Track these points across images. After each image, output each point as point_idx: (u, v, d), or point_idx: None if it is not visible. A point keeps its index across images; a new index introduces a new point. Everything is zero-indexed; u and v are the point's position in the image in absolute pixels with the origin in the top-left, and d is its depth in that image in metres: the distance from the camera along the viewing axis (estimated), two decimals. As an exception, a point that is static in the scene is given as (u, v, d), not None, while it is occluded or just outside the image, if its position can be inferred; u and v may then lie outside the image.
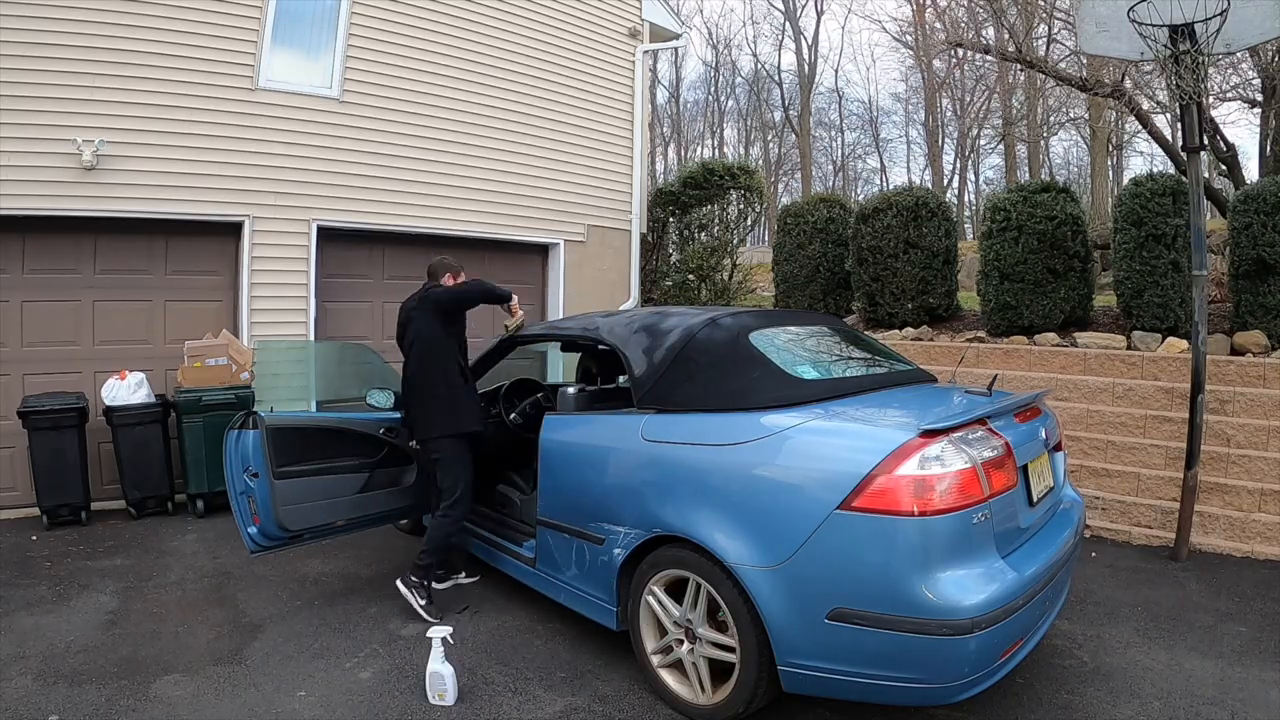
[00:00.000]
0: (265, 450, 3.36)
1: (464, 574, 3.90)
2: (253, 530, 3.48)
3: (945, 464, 2.25)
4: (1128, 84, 8.15)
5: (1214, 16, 4.05)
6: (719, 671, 2.60)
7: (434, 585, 3.59)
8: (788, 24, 28.46)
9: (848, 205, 7.90)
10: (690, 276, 9.51)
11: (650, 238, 9.28)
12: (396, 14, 6.56)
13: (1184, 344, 5.20)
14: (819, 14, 28.82)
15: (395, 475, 3.89)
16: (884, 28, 36.88)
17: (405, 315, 3.69)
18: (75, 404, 4.92)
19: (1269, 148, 8.37)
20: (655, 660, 2.78)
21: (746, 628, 2.42)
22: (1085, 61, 9.09)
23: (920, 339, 6.40)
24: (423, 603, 3.44)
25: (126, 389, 5.11)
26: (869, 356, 3.42)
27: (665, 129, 30.83)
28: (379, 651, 3.18)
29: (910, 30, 22.33)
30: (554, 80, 7.59)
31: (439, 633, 2.80)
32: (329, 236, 6.29)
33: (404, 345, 3.68)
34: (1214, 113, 9.15)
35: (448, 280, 3.76)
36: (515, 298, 3.76)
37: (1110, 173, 20.04)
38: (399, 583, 3.50)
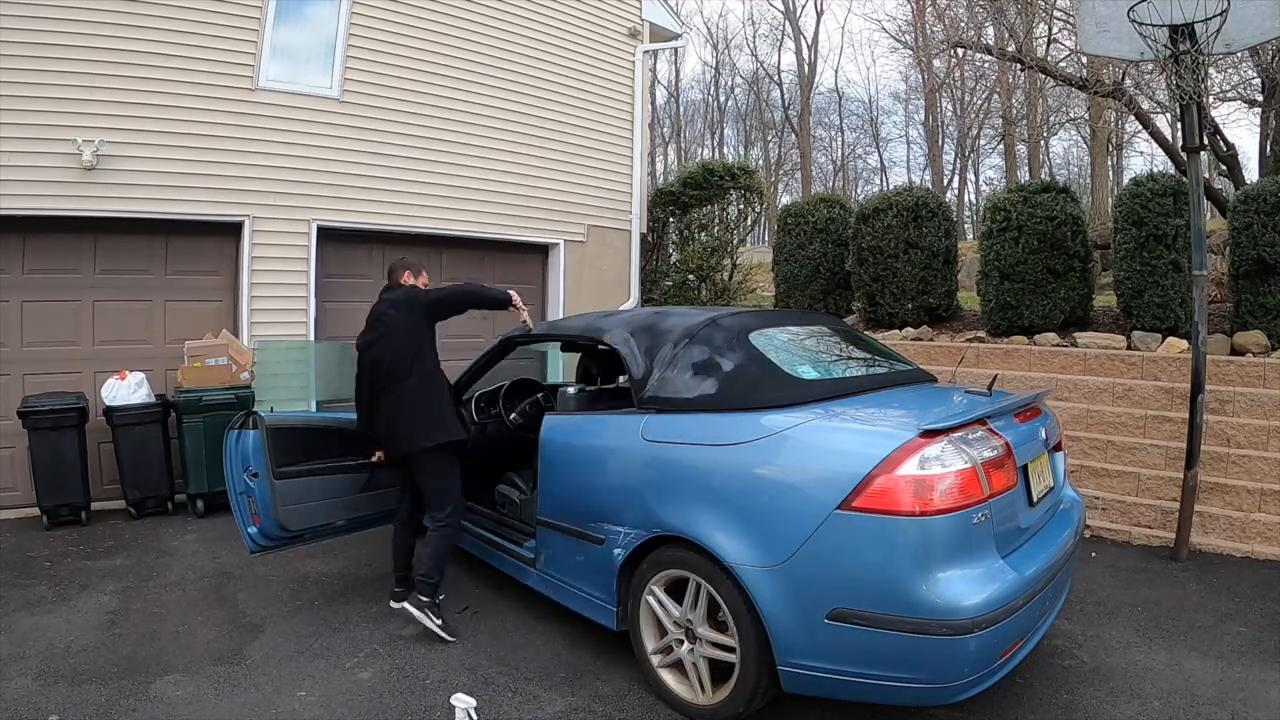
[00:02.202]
0: (265, 450, 3.36)
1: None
2: (253, 530, 3.48)
3: (945, 464, 2.25)
4: (1128, 84, 8.15)
5: (1214, 16, 4.05)
6: (719, 671, 2.60)
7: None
8: (787, 24, 28.49)
9: (848, 205, 7.91)
10: (690, 276, 9.52)
11: (650, 238, 9.28)
12: (396, 14, 6.57)
13: (1184, 344, 5.20)
14: (819, 14, 29.03)
15: (395, 475, 3.88)
16: (883, 27, 36.90)
17: (380, 316, 3.40)
18: (75, 404, 4.92)
19: (1269, 148, 8.38)
20: (655, 660, 2.78)
21: (746, 628, 2.42)
22: (1085, 61, 9.08)
23: (920, 339, 6.40)
24: (438, 623, 3.24)
25: (126, 389, 5.11)
26: (869, 356, 3.42)
27: (665, 129, 30.83)
28: (379, 651, 3.18)
29: (910, 30, 22.32)
30: (554, 80, 7.59)
31: (462, 703, 2.57)
32: (329, 236, 6.30)
33: (373, 350, 3.37)
34: (1214, 113, 9.13)
35: (407, 279, 3.51)
36: (515, 295, 3.54)
37: (1110, 173, 20.03)
38: (408, 606, 3.27)
